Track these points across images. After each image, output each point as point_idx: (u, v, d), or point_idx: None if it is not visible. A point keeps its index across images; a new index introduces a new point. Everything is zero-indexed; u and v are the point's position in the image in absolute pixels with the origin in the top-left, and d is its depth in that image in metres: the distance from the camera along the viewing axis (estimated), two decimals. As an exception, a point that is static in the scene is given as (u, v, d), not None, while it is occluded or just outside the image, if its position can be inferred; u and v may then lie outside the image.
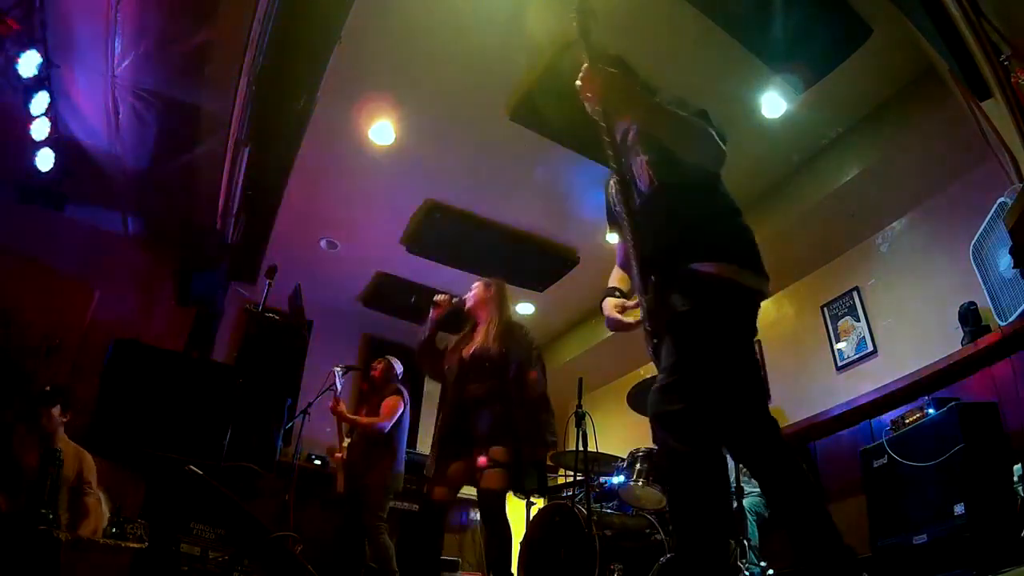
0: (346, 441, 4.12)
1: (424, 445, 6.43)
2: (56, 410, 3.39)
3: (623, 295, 1.89)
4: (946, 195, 3.95)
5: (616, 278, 2.05)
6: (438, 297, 3.23)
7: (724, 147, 1.67)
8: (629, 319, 1.80)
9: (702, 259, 1.56)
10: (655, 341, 1.66)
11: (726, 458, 1.54)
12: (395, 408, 4.13)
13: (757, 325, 1.66)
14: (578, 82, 1.64)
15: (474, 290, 3.19)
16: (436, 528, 2.79)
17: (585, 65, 1.62)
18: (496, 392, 2.80)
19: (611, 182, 1.90)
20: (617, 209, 1.79)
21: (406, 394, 4.27)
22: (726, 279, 1.54)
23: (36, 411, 3.36)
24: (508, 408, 2.76)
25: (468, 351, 2.97)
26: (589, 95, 1.63)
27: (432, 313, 3.21)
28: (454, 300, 3.18)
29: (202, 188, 4.28)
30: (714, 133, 1.66)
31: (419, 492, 4.62)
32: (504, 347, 2.87)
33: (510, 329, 3.00)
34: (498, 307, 3.12)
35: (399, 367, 4.50)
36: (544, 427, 2.84)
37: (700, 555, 1.39)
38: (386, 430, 4.06)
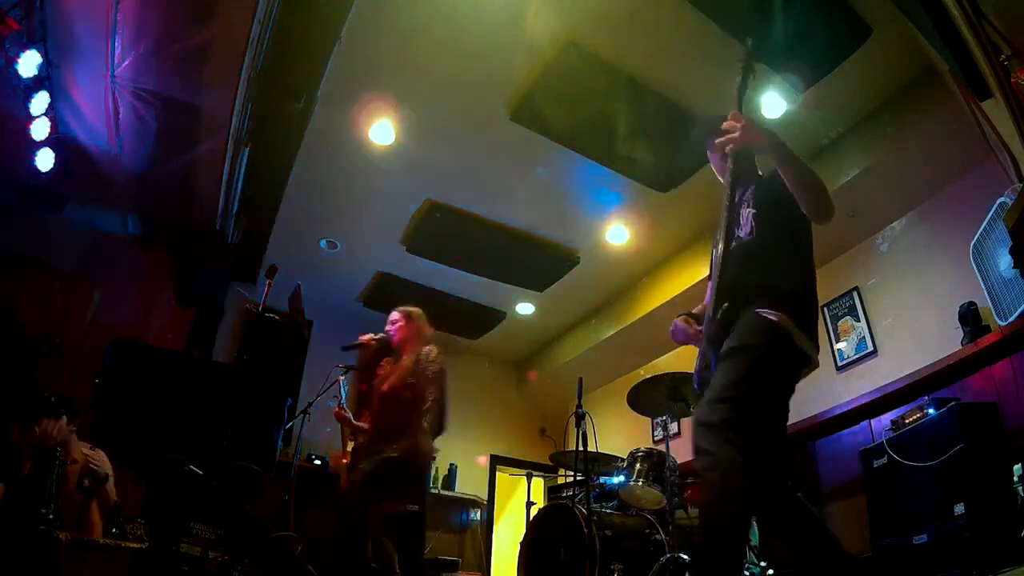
0: (350, 445, 4.12)
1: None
2: (63, 420, 3.38)
3: (693, 318, 2.12)
4: (946, 195, 3.95)
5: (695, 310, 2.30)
6: (363, 338, 3.41)
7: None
8: (693, 330, 2.06)
9: (770, 307, 1.76)
10: (707, 362, 1.89)
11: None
12: None
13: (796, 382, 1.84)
14: (725, 125, 1.91)
15: (396, 324, 3.36)
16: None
17: (736, 112, 1.92)
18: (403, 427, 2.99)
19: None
20: (715, 249, 2.08)
21: None
22: (783, 331, 1.73)
23: (36, 420, 3.35)
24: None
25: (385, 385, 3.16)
26: (730, 141, 1.89)
27: (362, 354, 3.46)
28: (379, 338, 3.37)
29: (202, 188, 4.27)
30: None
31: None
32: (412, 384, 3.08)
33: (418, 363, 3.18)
34: (417, 338, 3.30)
35: None
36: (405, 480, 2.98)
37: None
38: None
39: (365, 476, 2.88)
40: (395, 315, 3.40)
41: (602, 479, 4.21)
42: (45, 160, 3.67)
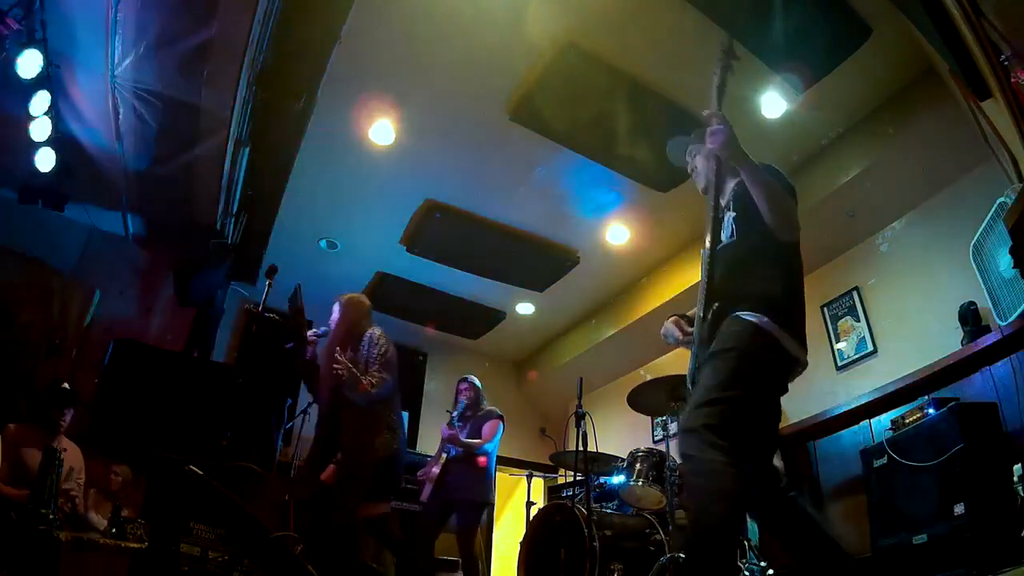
0: (443, 458, 4.18)
1: (423, 446, 6.44)
2: (70, 412, 3.40)
3: (685, 320, 2.12)
4: (946, 195, 3.95)
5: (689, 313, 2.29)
6: (309, 334, 3.45)
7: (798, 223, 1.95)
8: (679, 334, 2.06)
9: (752, 310, 1.77)
10: (698, 364, 1.89)
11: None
12: (497, 430, 4.29)
13: (787, 385, 1.87)
14: (708, 130, 1.92)
15: (333, 314, 3.40)
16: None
17: (717, 113, 1.93)
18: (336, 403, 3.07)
19: None
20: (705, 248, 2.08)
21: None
22: (765, 333, 1.74)
23: (50, 412, 3.36)
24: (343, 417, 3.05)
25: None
26: (713, 142, 1.90)
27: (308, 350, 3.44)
28: (320, 333, 3.41)
29: (202, 188, 4.27)
30: (793, 205, 1.96)
31: (417, 492, 4.63)
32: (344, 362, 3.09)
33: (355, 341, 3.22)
34: (343, 324, 3.32)
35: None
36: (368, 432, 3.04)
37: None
38: (493, 449, 4.24)
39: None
40: (334, 306, 3.43)
41: (602, 479, 4.21)
42: (45, 160, 3.67)
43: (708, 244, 1.93)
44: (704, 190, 2.08)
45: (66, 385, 3.46)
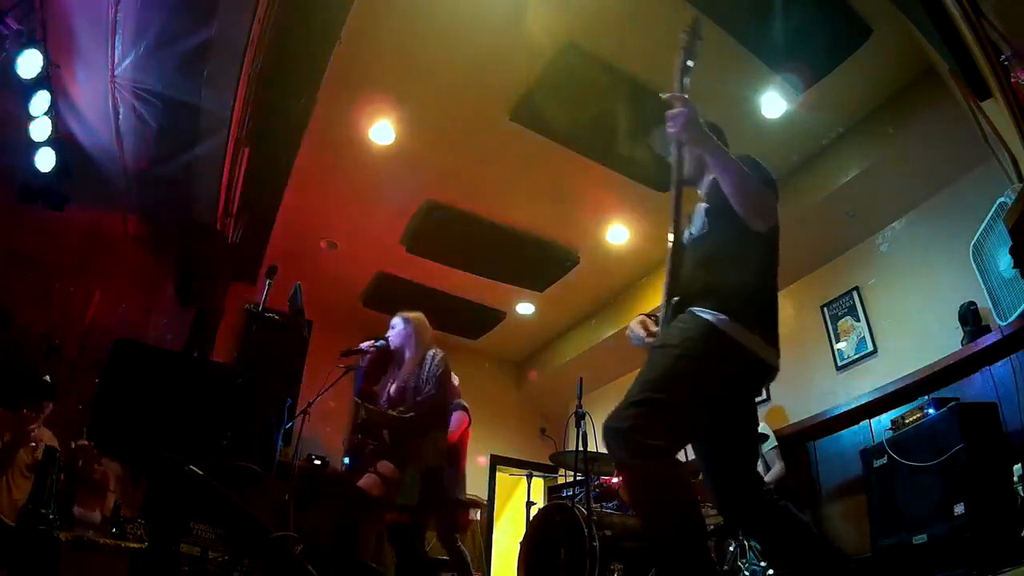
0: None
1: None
2: (49, 405, 3.43)
3: (654, 318, 1.94)
4: (946, 195, 3.95)
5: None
6: (363, 345, 3.43)
7: (776, 205, 1.79)
8: (643, 334, 1.87)
9: (708, 306, 1.62)
10: None
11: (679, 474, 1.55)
12: (464, 423, 4.23)
13: (758, 389, 1.74)
14: (669, 112, 1.79)
15: (396, 328, 3.42)
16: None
17: (677, 95, 1.80)
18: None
19: None
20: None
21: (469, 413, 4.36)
22: (721, 333, 1.57)
23: (40, 404, 3.39)
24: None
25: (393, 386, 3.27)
26: (673, 126, 1.78)
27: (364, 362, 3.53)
28: (378, 344, 3.39)
29: (202, 188, 4.27)
30: (769, 194, 1.78)
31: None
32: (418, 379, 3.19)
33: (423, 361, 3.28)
34: (417, 342, 3.36)
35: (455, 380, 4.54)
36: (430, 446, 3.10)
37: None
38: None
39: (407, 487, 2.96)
40: (395, 320, 3.44)
41: (602, 479, 4.21)
42: (45, 160, 3.67)
43: (671, 236, 1.77)
44: (687, 180, 1.94)
45: (47, 378, 3.49)
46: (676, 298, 1.70)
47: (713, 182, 1.86)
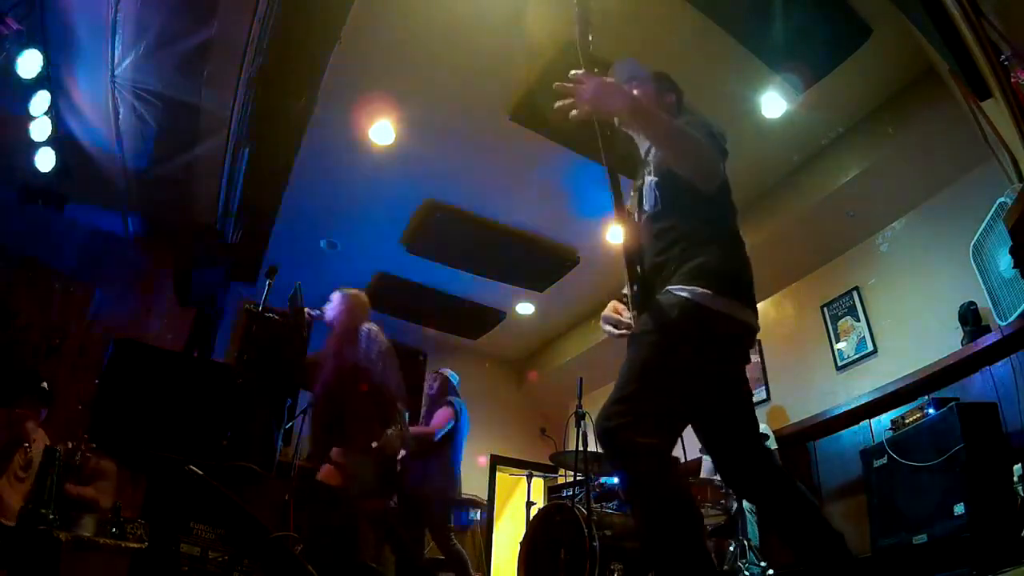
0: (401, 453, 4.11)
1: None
2: (44, 412, 3.43)
3: (628, 302, 1.83)
4: (946, 195, 3.95)
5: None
6: (309, 310, 3.52)
7: (720, 162, 1.68)
8: (615, 327, 1.81)
9: (682, 283, 1.54)
10: None
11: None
12: (447, 418, 4.15)
13: (747, 355, 1.66)
14: (569, 84, 1.65)
15: (332, 304, 3.48)
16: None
17: (578, 73, 1.67)
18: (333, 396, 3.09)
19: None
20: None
21: (458, 405, 4.26)
22: (698, 305, 1.50)
23: (37, 408, 3.39)
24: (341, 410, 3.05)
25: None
26: (586, 103, 1.65)
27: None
28: (315, 314, 3.49)
29: (202, 188, 4.28)
30: (710, 148, 1.66)
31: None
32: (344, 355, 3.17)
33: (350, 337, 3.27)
34: (344, 318, 3.39)
35: (455, 379, 4.47)
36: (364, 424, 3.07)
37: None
38: (436, 438, 4.06)
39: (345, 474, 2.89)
40: (334, 294, 3.50)
41: (602, 479, 4.21)
42: (45, 160, 3.67)
43: (617, 218, 1.71)
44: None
45: (45, 385, 3.49)
46: (640, 282, 1.63)
47: (656, 152, 1.77)
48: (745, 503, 3.37)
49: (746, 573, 3.20)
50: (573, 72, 1.66)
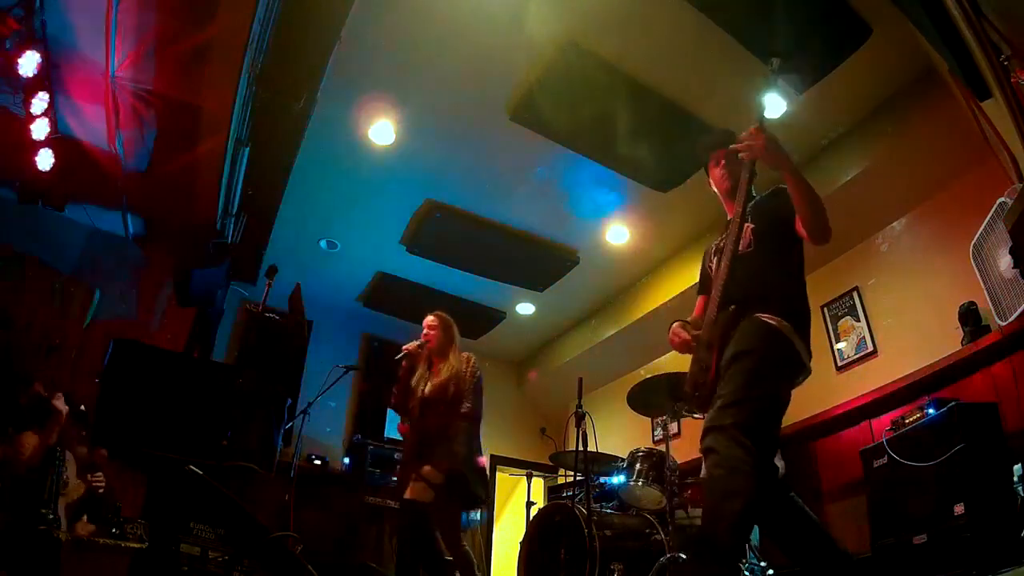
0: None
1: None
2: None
3: (690, 324, 2.16)
4: (946, 195, 3.95)
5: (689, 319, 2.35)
6: (408, 347, 3.45)
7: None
8: (690, 336, 2.10)
9: (770, 312, 1.85)
10: (702, 365, 1.96)
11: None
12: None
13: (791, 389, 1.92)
14: (744, 136, 1.98)
15: (432, 330, 3.50)
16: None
17: (757, 127, 1.98)
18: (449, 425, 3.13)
19: (710, 249, 2.30)
20: (710, 264, 2.20)
21: None
22: (783, 334, 1.81)
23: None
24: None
25: (427, 389, 3.28)
26: (748, 149, 1.96)
27: (405, 364, 3.46)
28: (419, 345, 3.45)
29: (202, 188, 4.27)
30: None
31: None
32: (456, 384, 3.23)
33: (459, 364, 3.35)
34: (452, 344, 3.47)
35: None
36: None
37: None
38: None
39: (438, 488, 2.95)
40: (431, 319, 3.54)
41: (602, 479, 4.21)
42: (45, 160, 3.67)
43: (728, 248, 2.01)
44: (728, 193, 2.21)
45: (83, 408, 3.50)
46: (733, 307, 1.92)
47: (757, 205, 2.09)
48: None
49: (746, 573, 3.20)
50: (756, 128, 1.99)
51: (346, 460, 5.86)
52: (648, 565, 3.21)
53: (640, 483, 3.70)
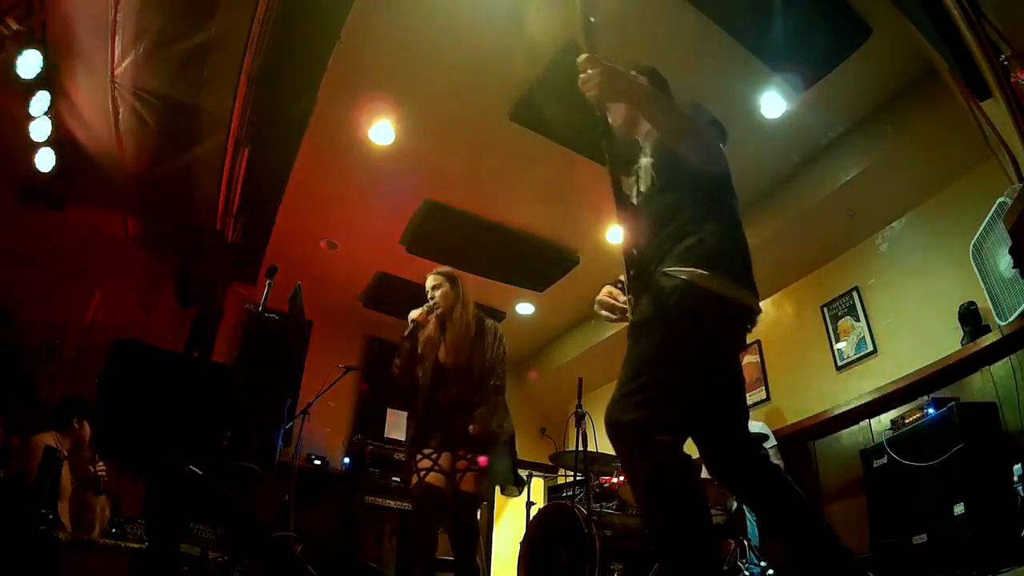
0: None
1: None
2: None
3: (620, 285, 1.81)
4: (946, 195, 3.95)
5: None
6: (415, 314, 2.87)
7: (722, 146, 1.68)
8: (609, 312, 1.80)
9: (679, 264, 1.51)
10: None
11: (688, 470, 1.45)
12: None
13: (744, 339, 1.62)
14: (580, 74, 1.58)
15: (440, 289, 2.92)
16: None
17: (583, 56, 1.58)
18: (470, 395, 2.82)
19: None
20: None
21: None
22: (697, 288, 1.47)
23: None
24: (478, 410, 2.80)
25: (443, 355, 2.86)
26: (585, 86, 1.59)
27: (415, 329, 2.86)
28: (427, 310, 2.89)
29: (202, 188, 4.27)
30: (712, 133, 1.68)
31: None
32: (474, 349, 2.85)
33: (479, 328, 2.92)
34: (462, 300, 2.92)
35: None
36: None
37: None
38: None
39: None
40: (434, 279, 2.94)
41: (602, 479, 4.21)
42: (45, 160, 3.67)
43: (617, 202, 1.68)
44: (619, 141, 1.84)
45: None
46: (637, 266, 1.59)
47: (653, 134, 1.75)
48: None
49: (746, 573, 3.20)
50: (581, 57, 1.59)
51: (346, 460, 5.86)
52: (648, 565, 3.21)
53: (640, 483, 3.69)
